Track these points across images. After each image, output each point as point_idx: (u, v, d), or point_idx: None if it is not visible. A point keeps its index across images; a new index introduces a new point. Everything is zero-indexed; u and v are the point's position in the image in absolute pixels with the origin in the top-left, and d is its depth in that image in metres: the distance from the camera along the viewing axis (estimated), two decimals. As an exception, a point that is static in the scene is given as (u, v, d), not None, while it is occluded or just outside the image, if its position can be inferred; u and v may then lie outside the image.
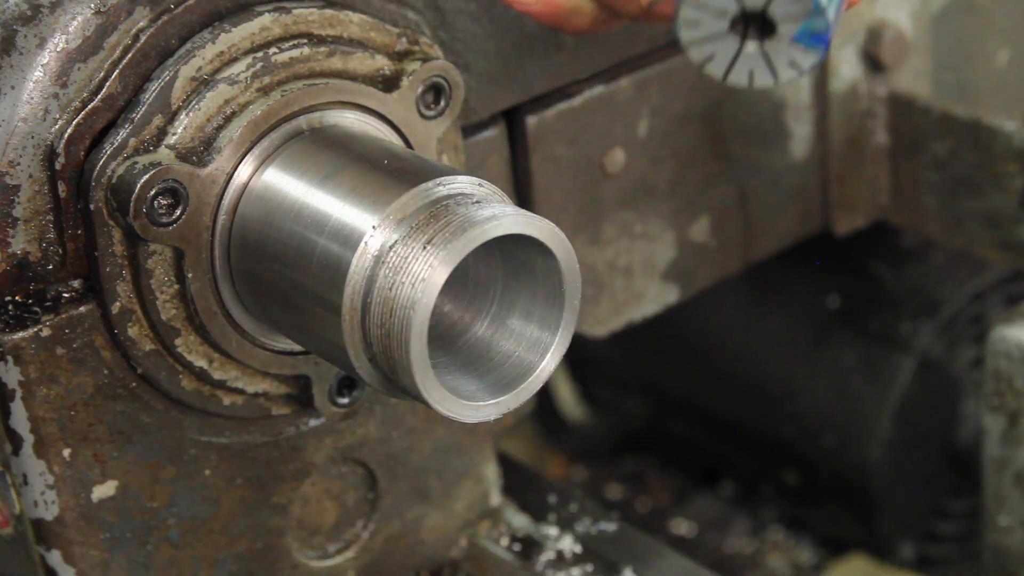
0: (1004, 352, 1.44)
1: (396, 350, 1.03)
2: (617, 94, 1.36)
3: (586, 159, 1.36)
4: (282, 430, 1.22)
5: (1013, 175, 1.45)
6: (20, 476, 1.13)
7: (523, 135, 1.32)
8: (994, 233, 1.49)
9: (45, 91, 1.08)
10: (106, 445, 1.14)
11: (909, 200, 1.54)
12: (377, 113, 1.16)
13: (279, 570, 1.26)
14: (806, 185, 1.52)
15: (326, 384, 1.19)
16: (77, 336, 1.11)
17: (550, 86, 1.33)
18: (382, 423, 1.27)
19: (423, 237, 1.03)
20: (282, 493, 1.24)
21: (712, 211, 1.46)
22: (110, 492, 1.15)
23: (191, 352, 1.14)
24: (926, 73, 1.56)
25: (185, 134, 1.09)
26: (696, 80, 1.41)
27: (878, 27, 1.50)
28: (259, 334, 1.16)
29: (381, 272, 1.04)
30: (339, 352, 1.08)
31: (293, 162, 1.11)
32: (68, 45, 1.08)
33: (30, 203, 1.08)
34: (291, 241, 1.09)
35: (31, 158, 1.08)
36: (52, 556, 1.15)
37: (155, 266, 1.10)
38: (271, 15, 1.13)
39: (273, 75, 1.12)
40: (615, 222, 1.40)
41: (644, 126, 1.39)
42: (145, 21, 1.10)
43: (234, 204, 1.11)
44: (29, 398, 1.10)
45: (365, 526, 1.29)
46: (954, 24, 1.61)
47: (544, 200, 1.34)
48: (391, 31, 1.18)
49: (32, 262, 1.09)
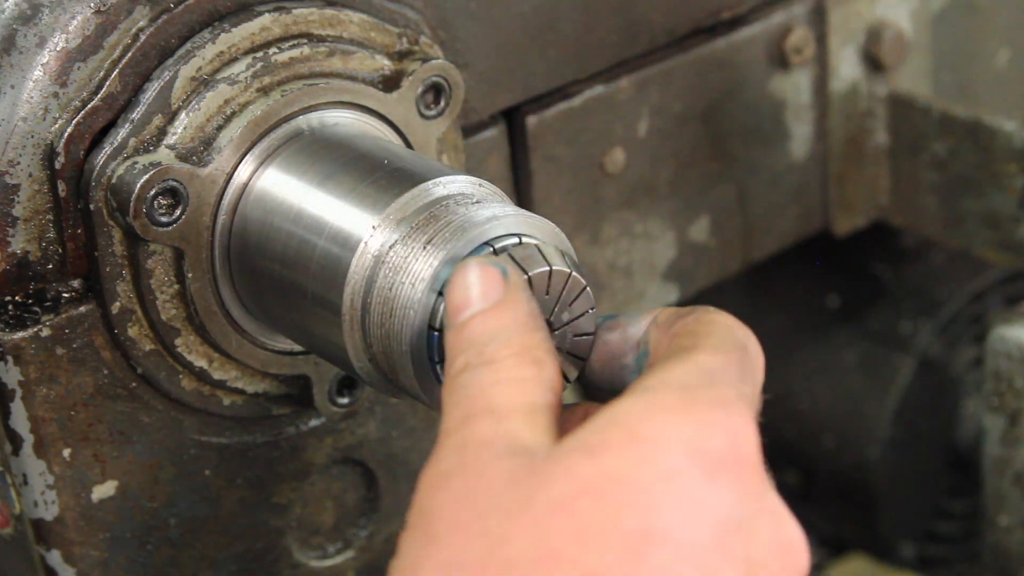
0: (1004, 352, 1.44)
1: (396, 350, 1.03)
2: (617, 94, 1.36)
3: (586, 159, 1.36)
4: (282, 430, 1.22)
5: (1013, 175, 1.45)
6: (20, 476, 1.13)
7: (523, 135, 1.32)
8: (994, 233, 1.49)
9: (45, 90, 1.08)
10: (106, 445, 1.14)
11: (909, 200, 1.54)
12: (377, 113, 1.16)
13: (279, 570, 1.26)
14: (806, 185, 1.52)
15: (326, 384, 1.19)
16: (77, 336, 1.11)
17: (550, 86, 1.33)
18: (382, 423, 1.27)
19: (423, 237, 1.03)
20: (282, 493, 1.24)
21: (712, 211, 1.46)
22: (110, 492, 1.15)
23: (191, 352, 1.14)
24: (926, 73, 1.56)
25: (185, 134, 1.09)
26: (696, 80, 1.41)
27: (878, 27, 1.50)
28: (259, 334, 1.16)
29: (381, 272, 1.04)
30: (339, 352, 1.08)
31: (293, 162, 1.11)
32: (68, 44, 1.08)
33: (30, 203, 1.08)
34: (291, 241, 1.09)
35: (31, 157, 1.08)
36: (52, 556, 1.15)
37: (155, 266, 1.10)
38: (271, 15, 1.13)
39: (273, 75, 1.12)
40: (615, 222, 1.40)
41: (644, 126, 1.39)
42: (145, 21, 1.10)
43: (234, 204, 1.11)
44: (29, 398, 1.10)
45: (365, 526, 1.29)
46: (954, 24, 1.61)
47: (544, 200, 1.34)
48: (391, 31, 1.18)
49: (32, 262, 1.09)
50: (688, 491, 0.85)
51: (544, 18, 1.30)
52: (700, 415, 0.87)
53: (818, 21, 1.47)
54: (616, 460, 0.85)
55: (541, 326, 0.96)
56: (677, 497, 0.85)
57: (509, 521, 0.84)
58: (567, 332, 1.01)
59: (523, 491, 0.85)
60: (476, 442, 0.89)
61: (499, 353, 0.93)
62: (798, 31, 1.46)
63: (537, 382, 0.93)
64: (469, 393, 0.92)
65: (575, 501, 0.84)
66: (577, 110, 1.34)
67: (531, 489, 0.85)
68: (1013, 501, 1.47)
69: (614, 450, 0.86)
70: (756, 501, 0.88)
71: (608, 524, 0.84)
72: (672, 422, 0.87)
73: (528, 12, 1.29)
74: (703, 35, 1.41)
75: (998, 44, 1.67)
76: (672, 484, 0.85)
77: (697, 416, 0.87)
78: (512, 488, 0.86)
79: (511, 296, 0.96)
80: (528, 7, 1.29)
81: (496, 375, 0.92)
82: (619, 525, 0.84)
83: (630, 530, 0.83)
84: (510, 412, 0.90)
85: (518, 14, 1.28)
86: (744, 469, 0.87)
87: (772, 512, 0.89)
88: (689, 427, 0.86)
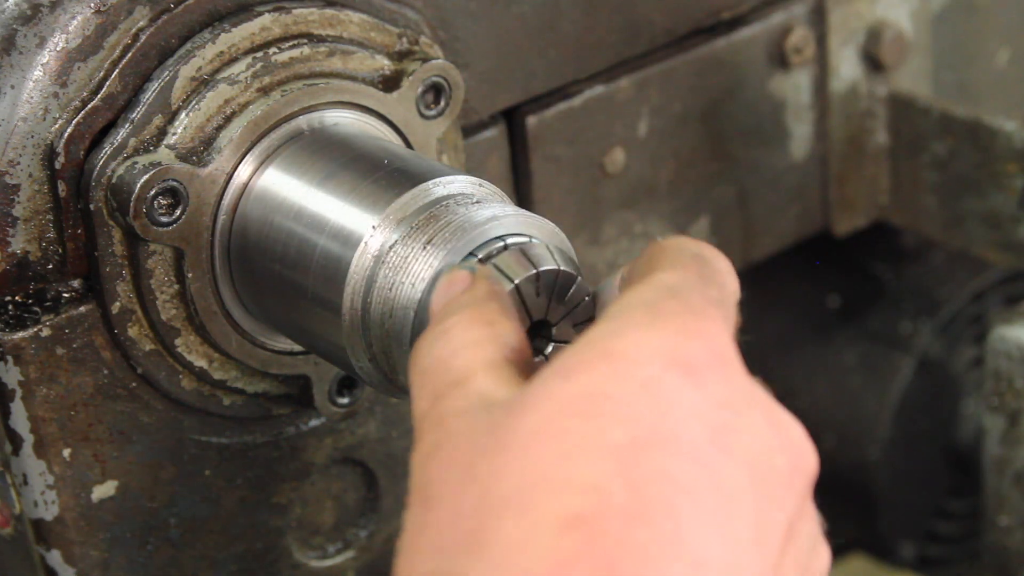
0: (1004, 352, 1.44)
1: (396, 350, 1.03)
2: (617, 94, 1.36)
3: (586, 159, 1.36)
4: (282, 430, 1.22)
5: (1013, 175, 1.45)
6: (20, 476, 1.13)
7: (523, 135, 1.32)
8: (994, 233, 1.49)
9: (45, 90, 1.08)
10: (106, 445, 1.14)
11: (909, 200, 1.54)
12: (377, 113, 1.16)
13: (279, 570, 1.26)
14: (806, 185, 1.52)
15: (326, 384, 1.19)
16: (77, 336, 1.11)
17: (550, 86, 1.33)
18: (382, 423, 1.27)
19: (423, 237, 1.03)
20: (282, 493, 1.24)
21: (712, 211, 1.46)
22: (110, 492, 1.15)
23: (191, 352, 1.14)
24: (926, 73, 1.56)
25: (185, 134, 1.09)
26: (696, 80, 1.41)
27: (878, 27, 1.50)
28: (259, 334, 1.16)
29: (381, 272, 1.04)
30: (339, 352, 1.08)
31: (293, 162, 1.11)
32: (68, 44, 1.08)
33: (30, 203, 1.08)
34: (291, 241, 1.09)
35: (31, 157, 1.08)
36: (52, 556, 1.15)
37: (155, 266, 1.10)
38: (271, 15, 1.13)
39: (273, 75, 1.12)
40: (615, 222, 1.40)
41: (644, 126, 1.39)
42: (145, 21, 1.10)
43: (234, 204, 1.11)
44: (29, 398, 1.10)
45: (365, 526, 1.29)
46: (954, 24, 1.61)
47: (544, 200, 1.34)
48: (391, 31, 1.18)
49: (32, 262, 1.09)
50: (671, 397, 0.83)
51: (544, 18, 1.30)
52: (668, 325, 0.86)
53: (818, 21, 1.47)
54: (591, 377, 0.84)
55: (500, 300, 0.96)
56: (660, 404, 0.83)
57: (496, 459, 0.83)
58: (567, 324, 1.01)
59: (503, 429, 0.84)
60: (451, 413, 0.88)
61: (451, 323, 0.93)
62: (798, 31, 1.46)
63: (491, 339, 0.92)
64: (432, 369, 0.91)
65: (556, 423, 0.83)
66: (577, 110, 1.34)
67: (510, 425, 0.84)
68: (1013, 501, 1.47)
69: (588, 369, 0.84)
70: (745, 398, 0.86)
71: (594, 439, 0.82)
72: (643, 336, 0.85)
73: (528, 12, 1.29)
74: (703, 35, 1.41)
75: (998, 44, 1.67)
76: (653, 393, 0.83)
77: (666, 326, 0.86)
78: (493, 432, 0.85)
79: (473, 284, 0.97)
80: (528, 7, 1.29)
81: (450, 344, 0.92)
82: (606, 439, 0.82)
83: (618, 442, 0.82)
84: (472, 374, 0.89)
85: (518, 14, 1.28)
86: (725, 368, 0.86)
87: (766, 409, 0.87)
88: (659, 338, 0.85)
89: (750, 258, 1.51)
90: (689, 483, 0.82)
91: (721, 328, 0.88)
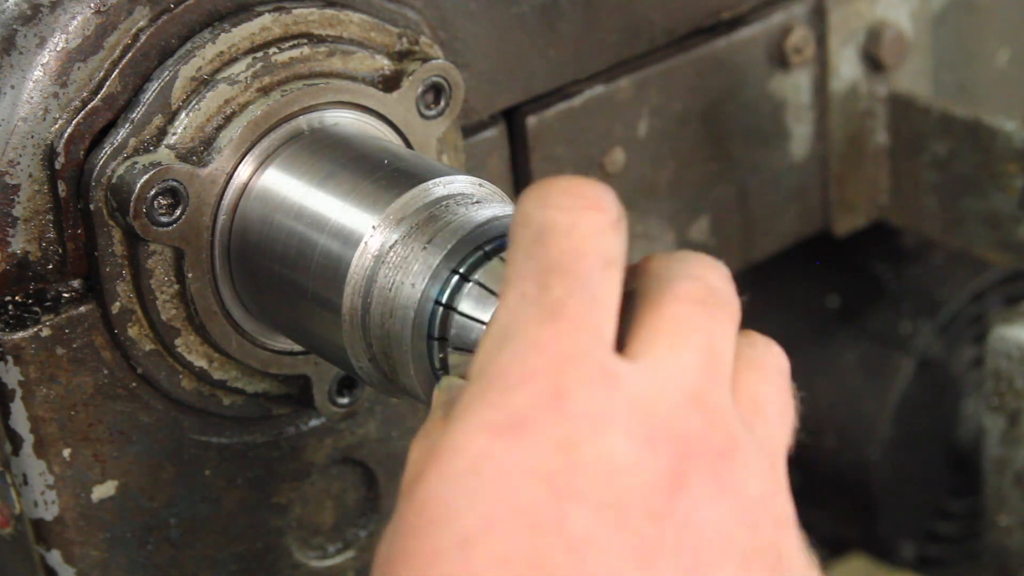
0: (1004, 352, 1.44)
1: (396, 350, 1.03)
2: (617, 94, 1.36)
3: (586, 159, 1.36)
4: (282, 430, 1.22)
5: (1013, 175, 1.45)
6: (20, 476, 1.13)
7: (523, 135, 1.32)
8: (994, 233, 1.49)
9: (45, 91, 1.08)
10: (106, 445, 1.14)
11: (909, 200, 1.54)
12: (377, 113, 1.16)
13: (279, 570, 1.26)
14: (806, 185, 1.52)
15: (326, 384, 1.19)
16: (77, 336, 1.11)
17: (550, 86, 1.33)
18: (382, 423, 1.27)
19: (423, 237, 1.03)
20: (282, 493, 1.24)
21: (712, 211, 1.46)
22: (110, 492, 1.15)
23: (191, 352, 1.14)
24: (926, 73, 1.56)
25: (185, 134, 1.09)
26: (696, 80, 1.41)
27: (878, 27, 1.50)
28: (259, 334, 1.16)
29: (381, 272, 1.04)
30: (339, 352, 1.08)
31: (293, 162, 1.12)
32: (68, 45, 1.08)
33: (30, 203, 1.08)
34: (291, 241, 1.09)
35: (31, 158, 1.08)
36: (52, 556, 1.15)
37: (155, 266, 1.10)
38: (271, 15, 1.13)
39: (273, 75, 1.12)
40: (615, 222, 1.39)
41: (644, 126, 1.39)
42: (145, 21, 1.10)
43: (234, 204, 1.11)
44: (29, 398, 1.10)
45: (365, 526, 1.29)
46: (954, 24, 1.61)
47: (544, 200, 1.34)
48: (391, 31, 1.18)
49: (32, 262, 1.09)
50: (495, 468, 0.82)
51: (544, 18, 1.30)
52: (487, 395, 0.84)
53: (818, 21, 1.47)
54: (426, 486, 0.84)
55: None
56: (487, 487, 0.82)
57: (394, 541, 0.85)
58: None
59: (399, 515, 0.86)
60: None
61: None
62: (798, 31, 1.46)
63: None
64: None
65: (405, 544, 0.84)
66: (577, 110, 1.34)
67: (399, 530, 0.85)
68: (1013, 501, 1.47)
69: (423, 479, 0.84)
70: (591, 423, 0.84)
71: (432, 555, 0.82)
72: (466, 419, 0.84)
73: (528, 12, 1.29)
74: (703, 35, 1.41)
75: (998, 44, 1.67)
76: (480, 475, 0.82)
77: (484, 396, 0.84)
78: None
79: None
80: (528, 7, 1.29)
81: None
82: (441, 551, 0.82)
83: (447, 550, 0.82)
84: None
85: (518, 14, 1.28)
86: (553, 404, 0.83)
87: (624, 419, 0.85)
88: (478, 413, 0.84)
89: (750, 258, 1.51)
90: (538, 556, 0.81)
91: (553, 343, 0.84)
